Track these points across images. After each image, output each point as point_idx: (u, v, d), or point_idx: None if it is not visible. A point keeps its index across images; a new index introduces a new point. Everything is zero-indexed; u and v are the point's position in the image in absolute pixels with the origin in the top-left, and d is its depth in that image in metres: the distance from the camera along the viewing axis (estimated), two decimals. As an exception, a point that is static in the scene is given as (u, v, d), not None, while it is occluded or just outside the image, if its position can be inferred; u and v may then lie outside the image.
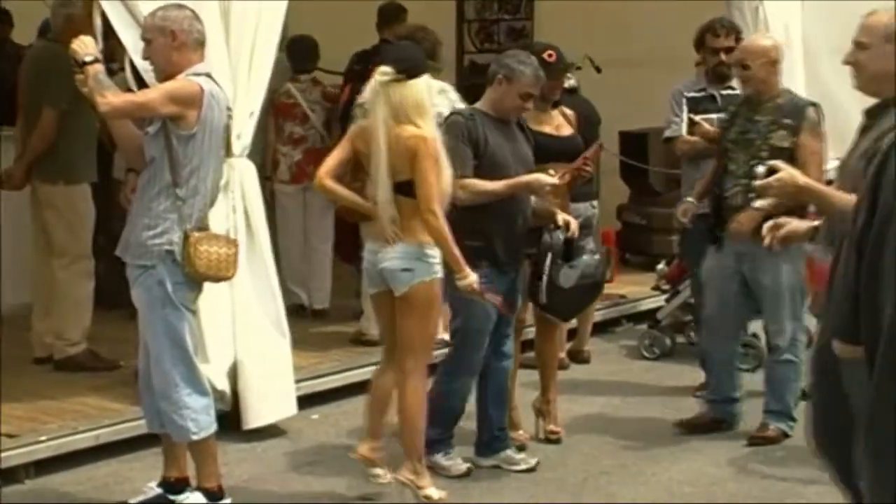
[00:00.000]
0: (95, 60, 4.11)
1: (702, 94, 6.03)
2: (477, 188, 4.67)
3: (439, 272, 4.43)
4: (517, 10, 10.54)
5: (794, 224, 3.56)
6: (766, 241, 3.58)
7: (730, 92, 5.92)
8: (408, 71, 4.35)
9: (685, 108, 6.00)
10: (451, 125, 4.80)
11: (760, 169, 3.61)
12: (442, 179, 4.33)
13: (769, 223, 3.61)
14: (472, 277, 4.39)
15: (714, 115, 5.85)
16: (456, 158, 4.55)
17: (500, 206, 4.74)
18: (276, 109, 6.96)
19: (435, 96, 5.27)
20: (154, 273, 4.22)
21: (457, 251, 4.35)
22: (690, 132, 5.90)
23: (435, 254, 4.39)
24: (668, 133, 6.09)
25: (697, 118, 5.83)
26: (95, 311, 6.12)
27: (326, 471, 4.96)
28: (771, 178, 3.53)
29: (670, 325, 6.91)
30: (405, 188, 4.34)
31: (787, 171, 3.53)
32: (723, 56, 5.95)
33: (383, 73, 4.37)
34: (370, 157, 4.41)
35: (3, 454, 4.75)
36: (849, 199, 3.28)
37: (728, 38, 5.94)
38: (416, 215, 4.34)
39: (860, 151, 3.44)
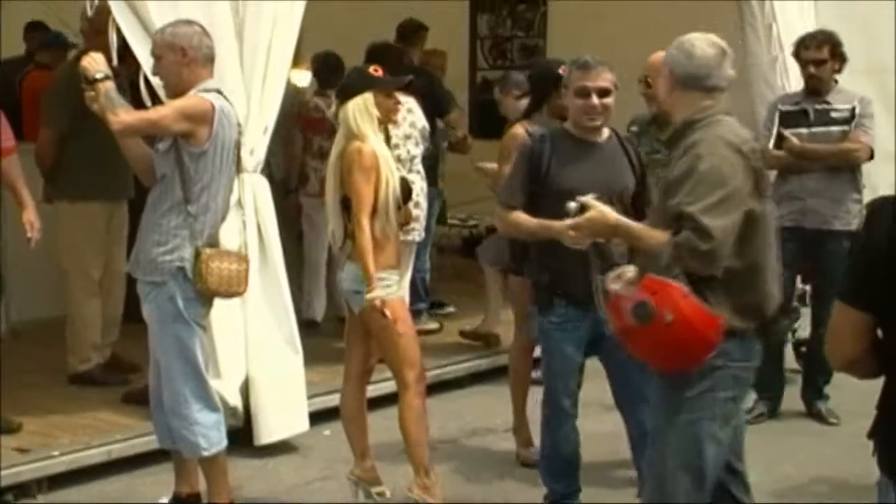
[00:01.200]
0: (106, 77, 4.12)
1: (796, 107, 5.94)
2: (511, 222, 4.32)
3: (393, 292, 4.47)
4: (530, 27, 10.58)
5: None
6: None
7: (824, 107, 5.84)
8: (340, 96, 4.57)
9: (777, 122, 5.93)
10: (520, 148, 4.61)
11: (572, 205, 3.51)
12: (381, 192, 4.39)
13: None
14: (377, 292, 4.36)
15: (804, 130, 5.81)
16: (506, 187, 4.46)
17: None
18: (304, 123, 7.09)
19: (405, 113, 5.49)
20: (165, 289, 4.24)
21: (371, 266, 4.33)
22: (778, 146, 5.83)
23: (385, 275, 4.42)
24: None
25: (787, 132, 5.78)
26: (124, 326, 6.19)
27: (338, 487, 4.95)
28: (580, 218, 3.48)
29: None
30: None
31: (597, 210, 3.47)
32: (812, 69, 5.85)
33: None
34: None
35: (16, 469, 4.78)
36: (659, 236, 3.26)
37: (819, 51, 5.80)
38: None
39: (662, 187, 3.43)
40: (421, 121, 6.37)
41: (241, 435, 5.16)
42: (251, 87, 5.14)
